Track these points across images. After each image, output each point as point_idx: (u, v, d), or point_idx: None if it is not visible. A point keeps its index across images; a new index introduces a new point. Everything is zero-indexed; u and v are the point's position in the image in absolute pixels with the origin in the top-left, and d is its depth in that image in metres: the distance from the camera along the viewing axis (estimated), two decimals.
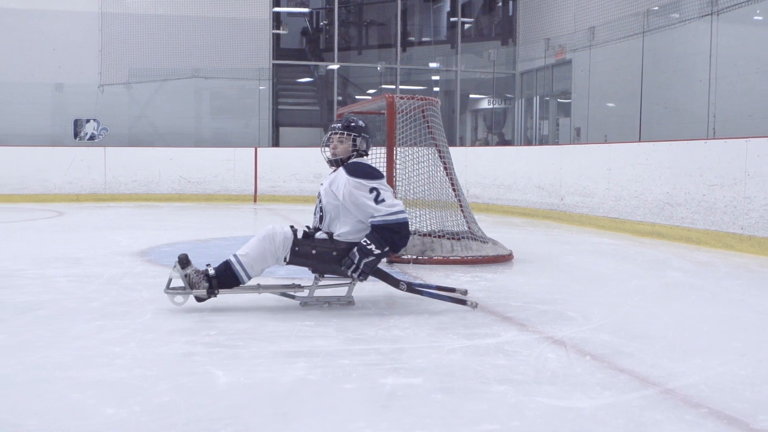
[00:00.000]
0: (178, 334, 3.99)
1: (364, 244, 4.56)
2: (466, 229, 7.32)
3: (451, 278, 5.93)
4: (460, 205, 7.44)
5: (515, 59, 19.05)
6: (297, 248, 4.64)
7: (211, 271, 4.61)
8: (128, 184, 15.39)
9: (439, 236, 7.05)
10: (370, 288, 5.54)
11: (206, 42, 17.24)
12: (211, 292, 4.60)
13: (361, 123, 4.93)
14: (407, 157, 7.30)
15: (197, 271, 4.61)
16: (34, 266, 6.40)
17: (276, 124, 18.40)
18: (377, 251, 4.56)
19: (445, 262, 6.63)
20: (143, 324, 4.24)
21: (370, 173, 4.71)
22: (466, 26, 20.64)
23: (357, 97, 19.99)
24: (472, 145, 19.14)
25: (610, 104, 15.34)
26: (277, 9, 19.02)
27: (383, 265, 5.29)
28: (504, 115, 20.16)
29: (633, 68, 13.79)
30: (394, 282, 4.78)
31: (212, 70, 17.39)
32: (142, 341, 3.85)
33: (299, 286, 4.84)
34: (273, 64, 17.94)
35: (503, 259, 6.89)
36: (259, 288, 4.79)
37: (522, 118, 18.96)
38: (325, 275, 4.82)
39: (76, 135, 16.93)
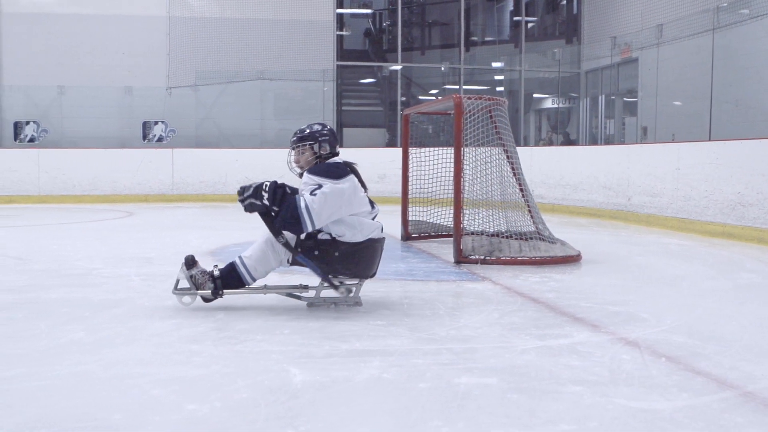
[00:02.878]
0: (252, 333, 4.05)
1: (263, 187, 4.53)
2: (534, 229, 7.28)
3: (519, 279, 5.90)
4: (528, 206, 7.40)
5: (580, 58, 18.87)
6: (300, 249, 4.63)
7: (216, 273, 4.68)
8: (195, 185, 15.64)
9: (506, 236, 7.03)
10: (439, 289, 5.56)
11: (271, 44, 17.42)
12: (216, 293, 4.66)
13: (314, 128, 4.82)
14: (474, 158, 7.29)
15: (203, 272, 4.68)
16: (109, 265, 6.56)
17: (340, 125, 18.51)
18: (266, 203, 4.51)
19: (513, 262, 6.61)
20: (217, 322, 4.32)
21: (329, 172, 4.59)
22: (530, 25, 20.50)
23: (420, 97, 20.01)
24: (536, 144, 19.02)
25: (677, 102, 15.10)
26: (340, 10, 19.12)
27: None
28: (568, 115, 19.99)
29: (702, 66, 13.55)
30: (275, 231, 4.58)
31: (277, 72, 17.57)
32: (218, 339, 3.93)
33: (306, 287, 4.85)
34: (337, 66, 18.05)
35: (572, 259, 6.84)
36: (265, 288, 4.83)
37: (587, 117, 18.76)
38: (329, 276, 4.73)
39: (144, 137, 17.27)
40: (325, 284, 4.72)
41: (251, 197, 4.54)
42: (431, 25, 21.73)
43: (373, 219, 4.79)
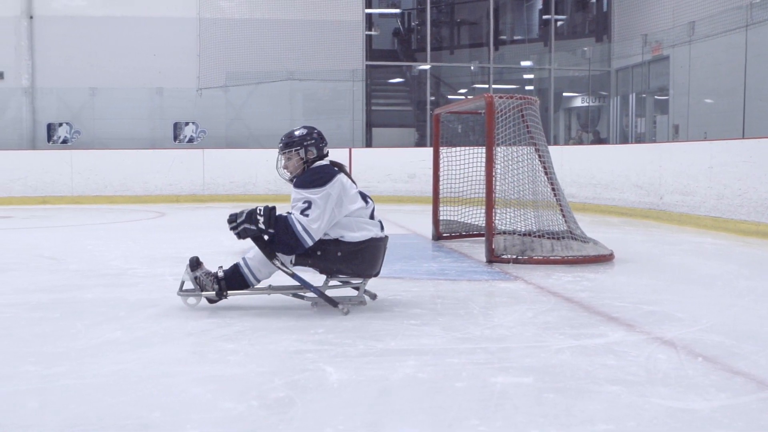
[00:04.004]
0: (287, 332, 4.07)
1: (257, 211, 4.50)
2: (566, 228, 7.25)
3: (552, 278, 5.89)
4: (560, 205, 7.37)
5: (610, 56, 18.76)
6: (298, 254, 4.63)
7: (221, 274, 4.70)
8: (226, 185, 15.73)
9: (538, 236, 7.00)
10: (471, 288, 5.56)
11: (300, 44, 17.49)
12: (220, 294, 4.69)
13: (299, 133, 4.81)
14: (505, 157, 7.28)
15: (208, 273, 4.71)
16: (144, 265, 6.63)
17: (369, 125, 18.53)
18: (262, 227, 4.48)
19: (546, 261, 6.58)
20: (252, 322, 4.35)
21: (314, 181, 4.58)
22: (559, 23, 20.41)
23: (449, 97, 20.00)
24: (566, 143, 18.93)
25: (709, 100, 14.97)
26: (369, 10, 19.15)
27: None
28: (598, 113, 19.88)
29: (735, 63, 13.41)
30: (270, 255, 4.57)
31: (306, 72, 17.62)
32: (253, 338, 3.95)
33: (310, 287, 4.87)
34: (366, 65, 18.08)
35: (604, 259, 6.80)
36: (270, 289, 4.84)
37: (617, 115, 18.64)
38: (333, 276, 4.75)
39: (175, 138, 17.40)
40: (330, 284, 4.74)
41: (245, 223, 4.51)
42: (460, 25, 21.72)
43: (371, 214, 4.78)
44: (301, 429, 2.67)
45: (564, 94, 20.27)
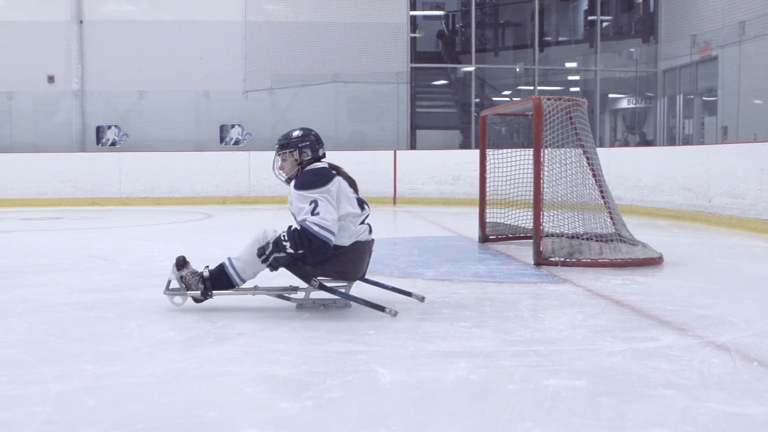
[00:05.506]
0: (338, 333, 4.10)
1: (281, 238, 4.48)
2: (614, 231, 7.19)
3: (601, 281, 5.85)
4: (608, 208, 7.31)
5: (657, 57, 18.57)
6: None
7: (206, 273, 4.73)
8: (271, 187, 15.84)
9: (586, 238, 6.96)
10: (519, 290, 5.54)
11: (345, 47, 17.56)
12: (206, 294, 4.72)
13: (295, 134, 4.84)
14: (553, 159, 7.24)
15: (194, 273, 4.74)
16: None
17: (413, 127, 18.54)
18: (290, 251, 4.45)
19: (594, 264, 6.54)
20: (303, 322, 4.39)
21: (315, 182, 4.59)
22: (605, 24, 20.25)
23: (494, 98, 19.95)
24: (611, 145, 18.76)
25: (758, 101, 14.74)
26: (413, 12, 19.17)
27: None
28: (645, 115, 19.69)
29: None
30: (306, 278, 4.58)
31: (351, 75, 17.69)
32: (304, 339, 3.99)
33: (295, 289, 4.87)
34: (410, 68, 18.10)
35: (653, 262, 6.74)
36: (255, 290, 4.86)
37: (664, 117, 18.44)
38: (317, 278, 4.69)
39: (221, 140, 17.58)
40: (314, 289, 4.69)
41: (274, 253, 4.49)
42: (504, 26, 21.64)
43: (362, 221, 4.74)
44: (357, 429, 2.69)
45: (609, 95, 20.10)
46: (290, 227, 4.53)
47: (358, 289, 4.87)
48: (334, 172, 4.75)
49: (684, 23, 16.90)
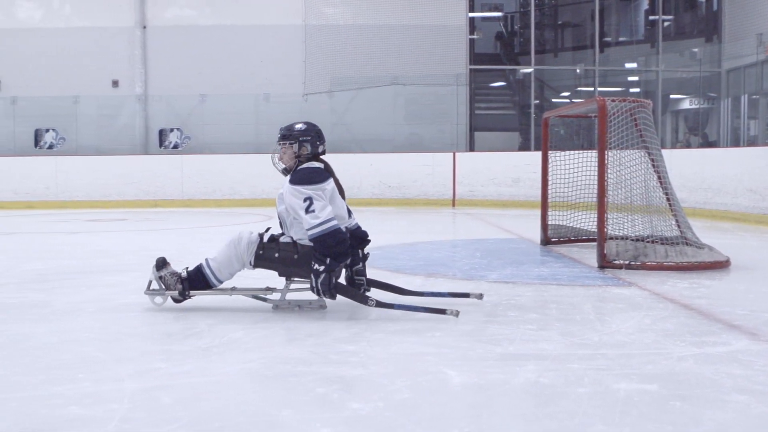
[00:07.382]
0: (404, 335, 4.12)
1: (316, 269, 4.50)
2: (679, 233, 7.09)
3: (667, 284, 5.77)
4: (673, 210, 7.21)
5: (720, 57, 18.25)
6: (261, 252, 4.73)
7: (184, 274, 4.81)
8: None
9: (651, 241, 6.87)
10: (585, 293, 5.50)
11: (404, 49, 17.59)
12: (184, 294, 4.79)
13: (298, 127, 4.85)
14: (617, 161, 7.17)
15: (173, 274, 4.82)
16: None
17: (472, 129, 18.50)
18: (321, 267, 4.48)
19: (660, 267, 6.46)
20: (368, 324, 4.42)
21: (311, 179, 4.63)
22: (666, 24, 19.95)
23: (553, 100, 19.80)
24: (673, 146, 18.50)
25: None
26: (472, 14, 19.12)
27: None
28: (707, 116, 19.36)
29: None
30: (362, 299, 4.60)
31: (409, 77, 17.71)
32: (372, 340, 4.02)
33: (272, 290, 4.89)
34: (469, 69, 18.06)
35: (720, 265, 6.63)
36: (232, 291, 4.94)
37: (728, 118, 18.11)
38: (291, 278, 4.82)
39: None
40: (290, 287, 4.82)
41: (319, 281, 4.50)
42: (563, 27, 21.45)
43: (345, 228, 4.74)
44: (429, 430, 2.70)
45: (671, 96, 19.81)
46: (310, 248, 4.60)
47: (416, 300, 4.90)
48: (328, 174, 4.82)
49: (749, 22, 16.58)
